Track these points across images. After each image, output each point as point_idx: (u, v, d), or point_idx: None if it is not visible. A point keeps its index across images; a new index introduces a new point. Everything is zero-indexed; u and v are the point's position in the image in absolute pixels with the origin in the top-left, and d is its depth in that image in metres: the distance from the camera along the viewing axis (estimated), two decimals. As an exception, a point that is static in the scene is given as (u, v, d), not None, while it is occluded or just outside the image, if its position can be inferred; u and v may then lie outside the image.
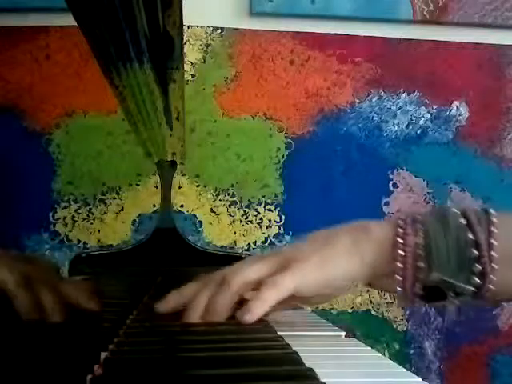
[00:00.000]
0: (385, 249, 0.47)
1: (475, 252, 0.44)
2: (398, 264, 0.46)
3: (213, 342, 0.39)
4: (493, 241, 0.44)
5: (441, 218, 0.46)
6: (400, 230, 0.46)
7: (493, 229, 0.45)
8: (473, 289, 0.44)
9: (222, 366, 0.33)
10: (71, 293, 0.50)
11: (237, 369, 0.32)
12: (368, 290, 1.20)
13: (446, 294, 0.45)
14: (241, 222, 1.20)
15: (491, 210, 0.46)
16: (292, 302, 0.49)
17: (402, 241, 0.46)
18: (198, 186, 1.20)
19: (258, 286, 0.47)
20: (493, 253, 0.44)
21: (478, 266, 0.44)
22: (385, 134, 1.23)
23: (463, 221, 0.45)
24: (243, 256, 0.98)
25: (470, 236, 0.44)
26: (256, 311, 0.45)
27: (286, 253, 0.49)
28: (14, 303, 0.46)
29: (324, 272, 0.47)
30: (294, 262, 0.47)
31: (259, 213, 1.20)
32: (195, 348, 0.37)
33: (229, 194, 1.20)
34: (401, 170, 1.23)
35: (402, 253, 0.46)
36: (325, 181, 1.21)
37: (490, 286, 0.44)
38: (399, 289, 0.46)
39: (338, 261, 0.47)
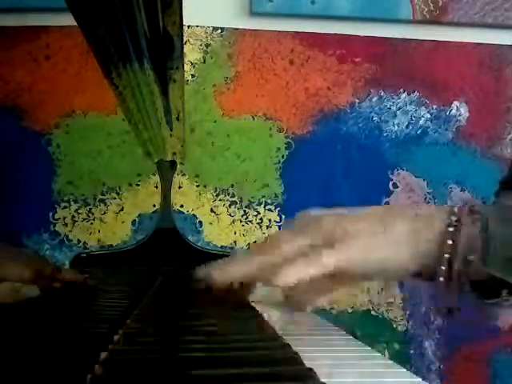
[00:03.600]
0: (438, 239, 0.44)
1: None
2: (446, 255, 0.43)
3: (213, 342, 0.39)
4: None
5: (503, 211, 0.44)
6: (453, 218, 0.44)
7: None
8: None
9: (222, 365, 0.33)
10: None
11: (237, 369, 0.32)
12: (368, 290, 1.20)
13: (499, 292, 0.43)
14: (241, 221, 1.20)
15: None
16: (331, 283, 0.46)
17: (452, 229, 0.43)
18: (197, 186, 1.20)
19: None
20: None
21: None
22: (385, 134, 1.23)
23: None
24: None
25: None
26: (288, 275, 0.42)
27: (333, 228, 0.46)
28: None
29: (372, 257, 0.44)
30: (341, 240, 0.44)
31: (259, 213, 1.20)
32: (195, 348, 0.37)
33: (229, 194, 1.20)
34: (401, 170, 1.23)
35: (451, 242, 0.43)
36: (325, 181, 1.21)
37: None
38: (441, 280, 0.44)
39: (389, 248, 0.44)
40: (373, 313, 1.21)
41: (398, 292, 1.21)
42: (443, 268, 0.43)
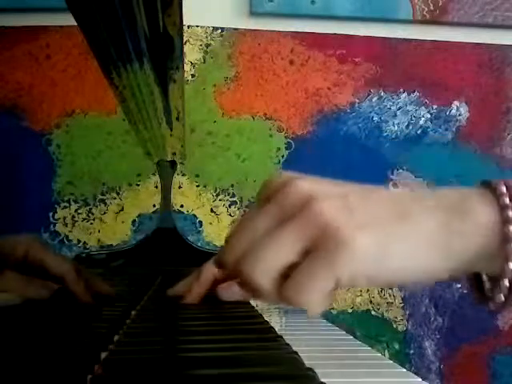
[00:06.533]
0: (489, 234, 0.33)
1: None
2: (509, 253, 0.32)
3: (213, 342, 0.39)
4: None
5: None
6: (506, 200, 0.33)
7: None
8: None
9: (222, 366, 0.33)
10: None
11: (237, 369, 0.32)
12: (368, 290, 1.20)
13: None
14: (241, 222, 1.20)
15: None
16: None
17: (510, 214, 0.33)
18: (197, 186, 1.20)
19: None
20: None
21: None
22: (385, 134, 1.23)
23: None
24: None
25: None
26: (311, 301, 0.32)
27: (341, 215, 0.32)
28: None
29: (388, 267, 0.32)
30: (346, 240, 0.31)
31: (259, 213, 1.20)
32: (195, 348, 0.37)
33: (229, 194, 1.20)
34: (401, 170, 1.23)
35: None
36: (325, 181, 1.21)
37: None
38: (502, 298, 0.34)
39: (413, 251, 0.32)
40: (373, 313, 1.21)
41: (398, 292, 1.21)
42: (506, 283, 0.33)
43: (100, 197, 1.18)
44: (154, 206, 1.16)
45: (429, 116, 1.24)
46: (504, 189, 0.34)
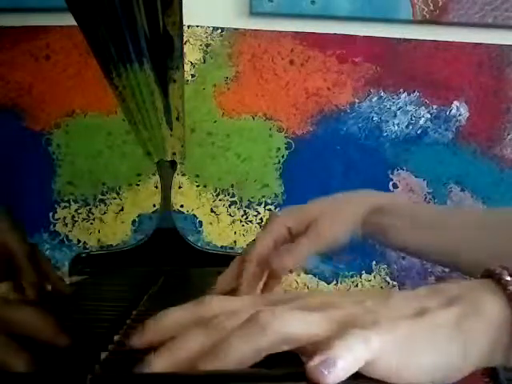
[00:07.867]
0: (501, 326, 0.33)
1: None
2: None
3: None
4: None
5: None
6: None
7: None
8: None
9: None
10: None
11: (237, 368, 0.32)
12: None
13: None
14: (241, 221, 1.20)
15: None
16: None
17: None
18: (197, 186, 1.20)
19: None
20: None
21: None
22: (385, 134, 1.23)
23: None
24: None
25: None
26: (341, 370, 0.29)
27: (352, 311, 0.33)
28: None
29: (413, 358, 0.31)
30: (371, 327, 0.31)
31: (259, 213, 1.20)
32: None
33: (229, 194, 1.20)
34: (401, 170, 1.23)
35: None
36: (325, 181, 1.21)
37: None
38: None
39: (432, 345, 0.32)
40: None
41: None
42: None
43: (100, 197, 1.18)
44: (154, 206, 1.16)
45: (429, 116, 1.24)
46: (508, 277, 0.34)
